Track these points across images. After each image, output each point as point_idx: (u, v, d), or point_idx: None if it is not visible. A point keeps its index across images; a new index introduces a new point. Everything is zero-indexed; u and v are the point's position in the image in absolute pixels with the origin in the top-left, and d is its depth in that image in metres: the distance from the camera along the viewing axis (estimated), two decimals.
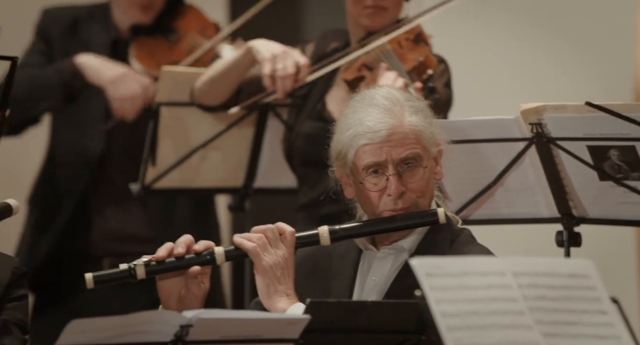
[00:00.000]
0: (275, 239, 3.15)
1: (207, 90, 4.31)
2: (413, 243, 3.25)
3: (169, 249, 3.12)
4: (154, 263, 3.09)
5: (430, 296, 2.40)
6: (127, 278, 3.09)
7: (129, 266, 3.08)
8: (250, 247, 3.14)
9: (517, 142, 3.62)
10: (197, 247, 3.11)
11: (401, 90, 3.31)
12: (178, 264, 3.10)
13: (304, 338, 2.73)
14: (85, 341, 2.55)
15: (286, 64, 4.13)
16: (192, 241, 3.13)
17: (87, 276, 3.07)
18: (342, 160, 3.24)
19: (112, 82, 4.72)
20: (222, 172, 4.63)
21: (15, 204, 3.10)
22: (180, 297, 3.13)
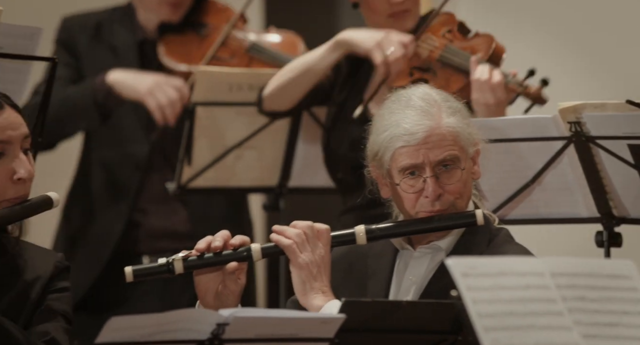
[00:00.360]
0: (311, 236, 3.13)
1: (281, 94, 4.21)
2: (450, 243, 3.22)
3: (207, 242, 3.10)
4: (192, 258, 3.08)
5: (466, 296, 2.37)
6: (166, 272, 3.08)
7: (167, 261, 3.08)
8: (287, 244, 3.12)
9: (554, 141, 3.58)
10: (234, 241, 3.10)
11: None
12: (215, 259, 3.09)
13: (339, 337, 2.70)
14: (124, 338, 2.55)
15: (394, 47, 4.02)
16: (229, 236, 3.12)
17: (126, 270, 3.07)
18: (378, 161, 3.21)
19: (149, 93, 4.69)
20: (257, 171, 4.62)
21: (55, 196, 3.09)
22: (217, 293, 3.11)
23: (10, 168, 3.02)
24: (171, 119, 4.72)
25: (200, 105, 4.53)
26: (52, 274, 3.10)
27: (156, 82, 4.71)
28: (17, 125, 3.04)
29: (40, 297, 3.07)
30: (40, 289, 3.07)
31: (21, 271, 3.08)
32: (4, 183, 3.01)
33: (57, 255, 3.16)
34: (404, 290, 3.20)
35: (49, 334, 3.02)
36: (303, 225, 3.14)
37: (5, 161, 3.02)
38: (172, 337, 2.59)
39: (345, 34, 4.14)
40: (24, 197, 3.05)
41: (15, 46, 3.39)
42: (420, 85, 3.25)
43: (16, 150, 3.03)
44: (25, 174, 3.02)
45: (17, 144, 3.03)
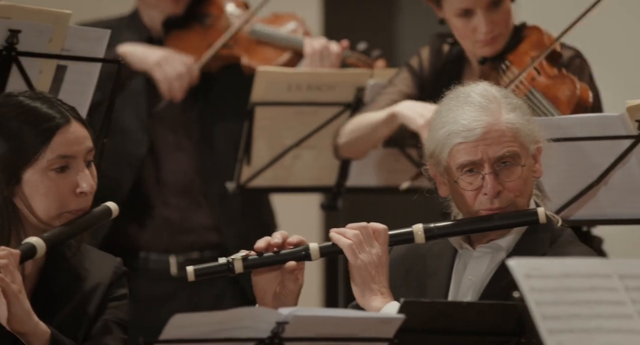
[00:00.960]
0: (369, 237, 3.07)
1: (352, 147, 4.24)
2: (511, 242, 3.13)
3: (266, 242, 3.07)
4: (252, 257, 3.06)
5: (529, 298, 2.29)
6: (226, 272, 3.06)
7: (227, 260, 3.06)
8: (346, 245, 3.07)
9: (621, 140, 3.48)
10: (291, 240, 3.08)
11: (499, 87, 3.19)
12: (274, 258, 3.07)
13: (398, 338, 2.65)
14: (186, 336, 2.54)
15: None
16: (287, 235, 3.10)
17: (188, 269, 3.05)
18: (435, 159, 3.14)
19: (157, 64, 4.69)
20: (315, 170, 4.59)
21: (114, 206, 3.12)
22: (275, 294, 3.09)
23: (73, 181, 3.03)
24: (177, 93, 4.71)
25: (259, 105, 4.51)
26: (112, 281, 3.11)
27: (166, 55, 4.71)
28: (82, 139, 3.06)
29: (100, 306, 3.07)
30: (100, 297, 3.08)
31: (81, 278, 3.09)
32: (67, 196, 3.03)
33: (116, 261, 3.16)
34: (463, 291, 3.12)
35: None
36: (360, 225, 3.09)
37: (70, 175, 3.03)
38: (233, 335, 2.58)
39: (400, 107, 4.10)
40: (85, 210, 3.06)
41: (82, 49, 3.42)
42: (480, 82, 3.17)
43: (80, 164, 3.04)
44: (88, 187, 3.04)
45: (80, 158, 3.05)
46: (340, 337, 2.65)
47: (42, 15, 3.31)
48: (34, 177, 3.02)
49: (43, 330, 2.93)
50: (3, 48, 3.28)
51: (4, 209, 3.01)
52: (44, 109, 3.04)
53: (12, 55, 3.29)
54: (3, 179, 3.01)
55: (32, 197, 3.02)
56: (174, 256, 4.80)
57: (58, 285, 3.07)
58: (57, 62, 3.37)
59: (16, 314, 2.89)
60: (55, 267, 3.07)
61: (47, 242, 2.98)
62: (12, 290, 2.88)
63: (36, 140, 3.01)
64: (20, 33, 3.29)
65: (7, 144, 3.01)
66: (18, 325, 2.90)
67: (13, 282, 2.88)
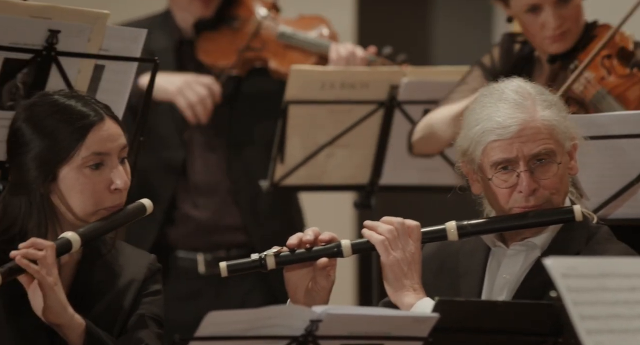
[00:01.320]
0: (402, 233, 3.02)
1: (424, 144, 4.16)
2: (545, 240, 3.07)
3: (298, 238, 3.05)
4: (284, 253, 3.04)
5: (567, 298, 2.24)
6: (258, 268, 3.05)
7: (259, 256, 3.04)
8: (379, 240, 3.03)
9: None
10: (323, 237, 3.06)
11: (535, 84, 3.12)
12: (307, 255, 3.05)
13: (433, 337, 2.60)
14: (221, 333, 2.53)
15: None
16: (319, 232, 3.08)
17: (221, 265, 3.04)
18: (469, 157, 3.09)
19: (179, 92, 4.69)
20: (349, 169, 4.56)
21: (148, 203, 3.12)
22: (307, 290, 3.07)
23: (108, 178, 3.05)
24: (202, 117, 4.71)
25: (292, 104, 4.48)
26: (146, 277, 3.12)
27: (185, 81, 4.71)
28: (116, 136, 3.07)
29: (135, 301, 3.09)
30: (135, 293, 3.09)
31: (116, 274, 3.10)
32: (101, 193, 3.05)
33: (150, 257, 3.18)
34: (497, 289, 3.07)
35: (143, 341, 3.04)
36: (394, 221, 3.05)
37: (104, 172, 3.05)
38: (267, 333, 2.56)
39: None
40: (120, 206, 3.07)
41: (120, 48, 3.43)
42: (514, 79, 3.11)
43: (114, 161, 3.06)
44: (122, 184, 3.05)
45: (114, 155, 3.06)
46: (374, 336, 2.63)
47: (82, 15, 3.33)
48: (69, 175, 3.03)
49: (78, 322, 2.94)
50: (43, 48, 3.30)
51: (41, 206, 3.03)
52: (79, 107, 3.06)
53: (52, 55, 3.31)
54: (40, 177, 3.03)
55: (68, 194, 3.04)
56: (202, 254, 4.79)
57: (94, 281, 3.08)
58: (95, 62, 3.39)
59: (51, 306, 2.91)
60: (91, 263, 3.09)
61: (82, 237, 2.99)
62: (47, 283, 2.90)
63: (71, 138, 3.03)
64: (60, 33, 3.31)
65: (43, 142, 3.03)
66: (53, 316, 2.92)
67: (49, 274, 2.90)
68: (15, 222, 3.03)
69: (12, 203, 3.04)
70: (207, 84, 4.71)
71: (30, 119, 3.06)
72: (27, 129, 3.04)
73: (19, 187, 3.05)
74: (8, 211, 3.04)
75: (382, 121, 4.51)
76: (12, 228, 3.02)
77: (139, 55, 3.46)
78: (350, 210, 5.46)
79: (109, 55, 3.40)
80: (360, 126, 4.48)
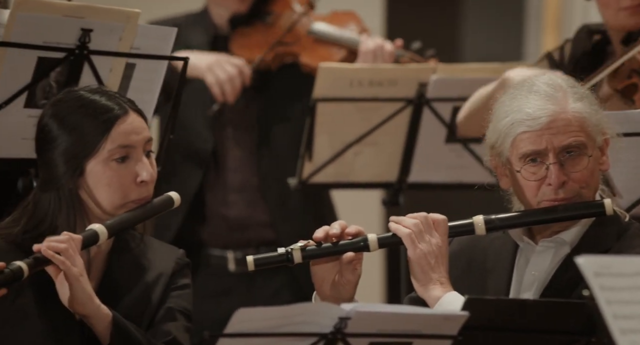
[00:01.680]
0: (428, 227, 2.99)
1: (470, 123, 4.06)
2: (575, 236, 3.02)
3: (325, 231, 3.03)
4: (311, 247, 3.02)
5: (600, 297, 2.19)
6: (285, 262, 3.03)
7: (286, 250, 3.03)
8: (404, 234, 3.00)
9: None
10: (350, 230, 3.04)
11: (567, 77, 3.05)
12: (333, 249, 3.02)
13: (462, 335, 2.56)
14: (250, 330, 2.52)
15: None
16: (346, 225, 3.06)
17: (248, 259, 3.03)
18: (497, 149, 3.04)
19: (208, 69, 4.69)
20: (376, 166, 4.53)
21: (176, 196, 3.12)
22: (334, 283, 3.04)
23: (133, 171, 3.06)
24: (230, 96, 4.71)
25: (320, 101, 4.45)
26: (174, 271, 3.12)
27: (216, 60, 4.72)
28: (140, 129, 3.08)
29: (163, 295, 3.09)
30: (163, 286, 3.09)
31: (145, 268, 3.11)
32: (128, 185, 3.05)
33: (179, 252, 3.18)
34: (525, 286, 3.03)
35: (171, 334, 3.04)
36: (419, 215, 3.02)
37: (130, 164, 3.06)
38: (296, 330, 2.55)
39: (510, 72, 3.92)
40: (147, 199, 3.08)
41: (150, 47, 3.44)
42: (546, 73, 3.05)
43: (139, 153, 3.07)
44: (148, 176, 3.06)
45: (140, 147, 3.07)
46: (403, 334, 2.61)
47: (114, 14, 3.34)
48: (96, 168, 3.04)
49: (105, 313, 2.95)
50: (76, 47, 3.32)
51: (69, 202, 3.04)
52: (103, 101, 3.07)
53: (85, 54, 3.33)
54: (68, 172, 3.05)
55: (95, 188, 3.05)
56: (232, 252, 4.77)
57: (123, 275, 3.09)
58: (126, 60, 3.40)
59: (78, 296, 2.92)
60: (120, 257, 3.10)
61: (109, 229, 3.00)
62: (73, 273, 2.91)
63: (96, 132, 3.04)
64: (92, 32, 3.33)
65: (70, 137, 3.05)
66: (80, 307, 2.93)
67: (74, 265, 2.91)
68: (45, 218, 3.04)
69: (42, 199, 3.06)
70: (238, 64, 4.72)
71: (57, 115, 3.07)
72: (54, 125, 3.06)
73: (48, 183, 3.06)
74: (38, 207, 3.05)
75: (411, 119, 4.47)
76: (42, 224, 3.04)
77: (169, 54, 3.47)
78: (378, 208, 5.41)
79: (141, 53, 3.41)
80: (388, 124, 4.45)
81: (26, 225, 3.04)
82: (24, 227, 3.04)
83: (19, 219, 3.07)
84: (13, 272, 2.87)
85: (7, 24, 3.24)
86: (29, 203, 3.08)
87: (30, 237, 3.03)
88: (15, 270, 2.87)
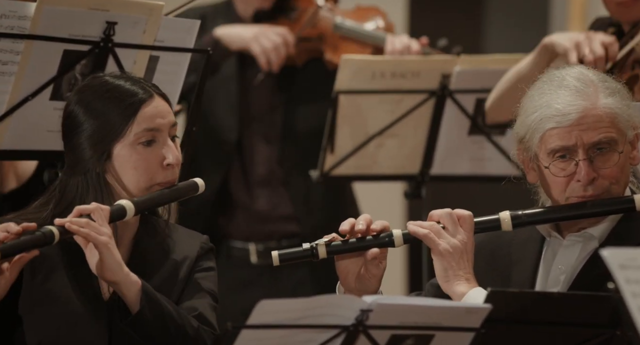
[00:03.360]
0: (453, 223, 2.93)
1: (500, 106, 3.94)
2: (604, 231, 2.97)
3: (350, 224, 2.99)
4: (336, 243, 3.00)
5: (625, 290, 2.13)
6: (310, 257, 3.00)
7: (311, 246, 3.00)
8: (423, 234, 2.96)
9: None
10: (375, 226, 3.01)
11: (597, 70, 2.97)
12: (358, 245, 2.99)
13: (485, 328, 2.49)
14: (272, 321, 2.49)
15: (593, 47, 3.67)
16: (371, 220, 3.03)
17: (273, 254, 3.01)
18: (525, 144, 2.98)
19: (254, 38, 4.70)
20: (399, 159, 4.48)
21: (201, 182, 3.12)
22: (359, 276, 3.02)
23: (160, 154, 3.06)
24: (275, 64, 4.71)
25: (343, 93, 4.39)
26: (199, 254, 3.14)
27: (261, 30, 4.73)
28: (165, 113, 3.09)
29: (189, 276, 3.10)
30: (188, 268, 3.10)
31: (171, 251, 3.12)
32: (154, 168, 3.06)
33: (203, 237, 3.19)
34: (552, 280, 2.97)
35: (197, 310, 3.05)
36: (441, 212, 2.97)
37: (156, 148, 3.06)
38: (318, 322, 2.52)
39: (549, 37, 3.87)
40: (172, 182, 3.08)
41: (174, 39, 3.44)
42: (576, 65, 2.96)
43: (165, 137, 3.07)
44: (174, 160, 3.07)
45: (165, 131, 3.08)
46: (424, 326, 2.57)
47: (137, 7, 3.34)
48: (123, 152, 3.05)
49: (134, 279, 2.96)
50: (101, 40, 3.32)
51: (97, 185, 3.05)
52: (127, 85, 3.08)
53: (109, 47, 3.33)
54: (94, 156, 3.05)
55: (122, 172, 3.05)
56: (254, 244, 4.74)
57: (149, 257, 3.09)
58: (150, 53, 3.39)
59: (107, 263, 2.92)
60: (147, 240, 3.11)
61: (136, 205, 3.00)
62: (101, 241, 2.92)
63: (122, 116, 3.04)
64: (117, 25, 3.32)
65: (96, 121, 3.05)
66: (109, 274, 2.93)
67: (101, 233, 2.91)
68: (74, 202, 3.04)
69: (70, 183, 3.07)
70: (282, 33, 4.72)
71: (82, 101, 3.08)
72: (80, 111, 3.06)
73: (75, 167, 3.07)
74: (67, 191, 3.06)
75: (433, 110, 4.42)
76: (70, 207, 3.02)
77: (192, 46, 3.46)
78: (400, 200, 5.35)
79: (164, 46, 3.41)
80: (411, 116, 4.41)
81: (55, 209, 3.05)
82: (53, 211, 3.05)
83: (47, 203, 3.08)
84: (44, 234, 2.88)
85: (34, 17, 3.25)
86: (56, 188, 3.09)
87: None
88: (46, 232, 2.89)
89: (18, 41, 3.24)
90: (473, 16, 6.35)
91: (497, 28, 6.33)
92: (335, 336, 2.51)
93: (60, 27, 3.26)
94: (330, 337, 2.51)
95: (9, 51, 3.26)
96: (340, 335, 2.52)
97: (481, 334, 2.53)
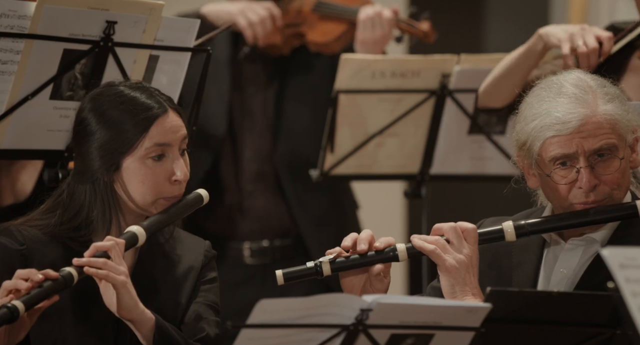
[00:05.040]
0: (458, 237, 2.91)
1: (493, 91, 3.96)
2: (605, 235, 2.97)
3: (353, 240, 2.99)
4: (340, 260, 2.99)
5: (625, 289, 2.13)
6: (314, 275, 3.00)
7: (315, 264, 3.00)
8: (429, 250, 2.94)
9: None
10: (378, 244, 3.01)
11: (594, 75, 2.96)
12: (362, 261, 2.99)
13: (485, 327, 2.49)
14: (272, 320, 2.50)
15: (586, 40, 3.67)
16: (373, 237, 3.03)
17: (277, 273, 3.01)
18: (526, 151, 2.97)
19: (240, 12, 4.71)
20: (399, 158, 4.47)
21: (205, 194, 3.12)
22: (363, 290, 3.02)
23: (169, 169, 3.07)
24: (261, 38, 4.72)
25: (342, 93, 4.39)
26: (203, 264, 3.14)
27: (247, 3, 4.74)
28: (177, 128, 3.09)
29: (194, 290, 3.11)
30: (194, 281, 3.11)
31: (175, 263, 3.12)
32: (162, 183, 3.06)
33: (205, 244, 3.20)
34: (554, 283, 2.98)
35: (204, 330, 3.06)
36: (446, 226, 2.95)
37: (165, 162, 3.07)
38: (318, 321, 2.53)
39: (544, 28, 3.86)
40: (178, 197, 3.09)
41: (174, 39, 3.45)
42: (574, 71, 2.95)
43: (175, 152, 3.08)
44: (182, 176, 3.07)
45: (176, 146, 3.08)
46: (424, 325, 2.58)
47: (138, 6, 3.35)
48: (132, 165, 3.05)
49: (148, 316, 2.96)
50: (100, 39, 3.32)
51: (105, 195, 3.05)
52: (143, 98, 3.07)
53: (109, 46, 3.33)
54: (104, 166, 3.05)
55: (129, 184, 3.05)
56: (248, 243, 4.72)
57: (154, 270, 3.10)
58: (150, 52, 3.40)
59: (124, 303, 2.93)
60: (150, 253, 3.11)
61: (147, 230, 3.01)
62: (119, 282, 2.91)
63: (135, 129, 3.04)
64: (117, 24, 3.33)
65: (108, 132, 3.05)
66: (126, 313, 2.94)
67: (118, 273, 2.91)
68: (81, 210, 3.05)
69: (78, 191, 3.07)
70: (268, 6, 4.73)
71: (96, 109, 3.08)
72: (93, 119, 3.06)
73: (84, 175, 3.07)
74: (74, 199, 3.07)
75: (433, 110, 4.41)
76: (78, 216, 3.05)
77: (192, 46, 3.46)
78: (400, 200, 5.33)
79: (164, 45, 3.42)
80: (410, 115, 4.40)
81: (62, 216, 3.05)
82: (60, 218, 3.05)
83: (53, 209, 3.08)
84: (65, 279, 2.87)
85: (34, 17, 3.25)
86: (63, 192, 3.09)
87: (67, 228, 3.05)
88: (66, 276, 2.88)
89: (18, 40, 3.25)
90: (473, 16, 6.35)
91: (497, 28, 6.33)
92: (335, 335, 2.52)
93: (60, 26, 3.26)
94: (330, 336, 2.52)
95: (8, 50, 3.26)
96: (340, 334, 2.52)
97: (481, 333, 2.54)
